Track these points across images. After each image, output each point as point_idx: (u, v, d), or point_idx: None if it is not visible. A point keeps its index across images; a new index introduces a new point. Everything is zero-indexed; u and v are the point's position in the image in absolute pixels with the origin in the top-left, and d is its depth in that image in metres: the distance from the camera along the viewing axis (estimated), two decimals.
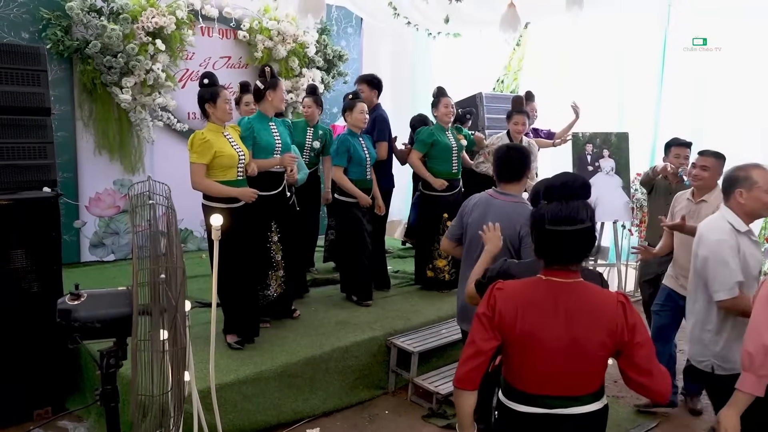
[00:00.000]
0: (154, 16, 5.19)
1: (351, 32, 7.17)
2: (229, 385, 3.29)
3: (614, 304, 1.79)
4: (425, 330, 4.26)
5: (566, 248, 1.80)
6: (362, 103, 4.51)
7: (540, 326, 1.80)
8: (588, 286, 1.84)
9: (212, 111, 3.61)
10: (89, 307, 1.88)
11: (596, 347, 1.77)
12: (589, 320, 1.78)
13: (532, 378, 1.85)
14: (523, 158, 2.88)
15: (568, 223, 1.76)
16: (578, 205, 1.77)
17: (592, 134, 6.10)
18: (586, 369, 1.81)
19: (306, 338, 3.90)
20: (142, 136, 5.52)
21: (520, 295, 1.84)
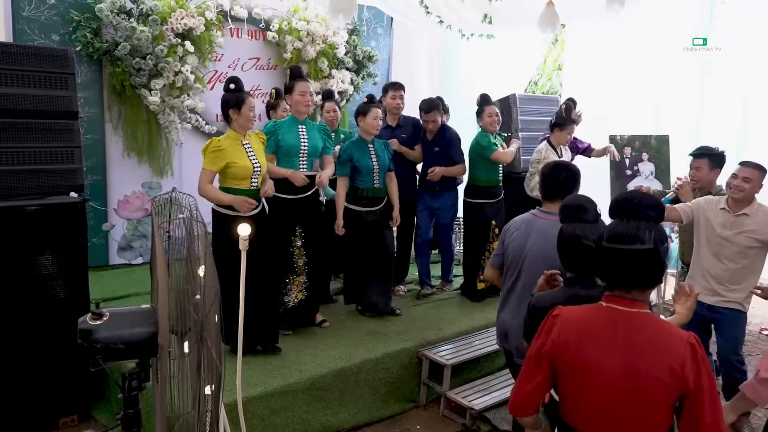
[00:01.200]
0: (183, 18, 5.13)
1: (381, 32, 7.04)
2: (257, 399, 3.19)
3: (683, 343, 1.60)
4: (458, 341, 4.11)
5: (622, 269, 1.64)
6: (377, 109, 4.32)
7: (596, 357, 1.64)
8: (654, 319, 1.67)
9: (236, 117, 3.53)
10: (112, 327, 1.78)
11: (655, 384, 1.59)
12: (649, 355, 1.60)
13: (587, 415, 1.70)
14: (571, 177, 2.72)
15: (625, 242, 1.62)
16: (641, 224, 1.63)
17: (631, 137, 5.88)
18: (645, 411, 1.62)
19: (335, 349, 3.78)
20: (171, 138, 5.46)
21: (577, 322, 1.70)
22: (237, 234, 3.26)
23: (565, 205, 2.17)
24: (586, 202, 2.15)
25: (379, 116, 4.31)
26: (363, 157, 4.29)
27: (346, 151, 4.28)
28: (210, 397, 2.86)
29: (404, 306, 4.66)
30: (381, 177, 4.38)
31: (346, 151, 4.28)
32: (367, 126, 4.31)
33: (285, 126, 3.94)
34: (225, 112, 3.56)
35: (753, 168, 3.38)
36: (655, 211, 1.66)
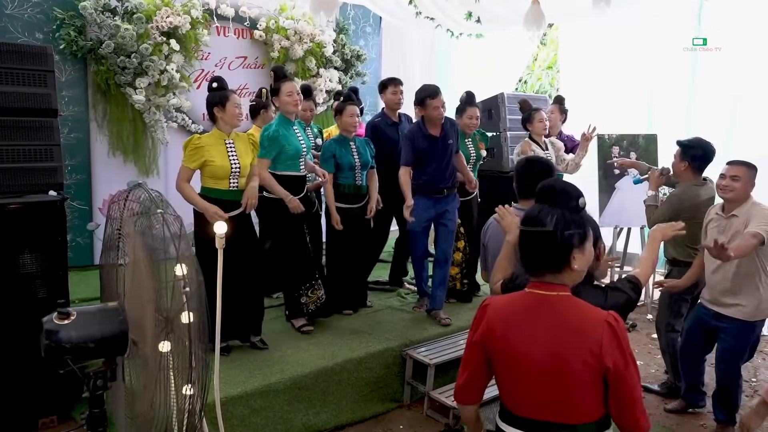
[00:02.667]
0: (169, 16, 5.11)
1: (370, 32, 7.03)
2: (236, 399, 3.16)
3: (600, 323, 1.63)
4: (442, 341, 4.09)
5: (528, 252, 1.73)
6: (352, 107, 4.31)
7: (521, 342, 1.69)
8: (574, 301, 1.70)
9: (221, 115, 3.53)
10: (81, 326, 1.76)
11: (579, 367, 1.62)
12: (570, 337, 1.64)
13: (520, 399, 1.73)
14: (544, 172, 2.69)
15: (532, 224, 1.70)
16: (546, 208, 1.70)
17: (619, 136, 5.88)
18: (574, 392, 1.65)
19: (318, 348, 3.76)
20: (157, 137, 5.43)
21: (502, 310, 1.76)
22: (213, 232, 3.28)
23: None
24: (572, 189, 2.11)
25: (356, 113, 4.30)
26: (345, 155, 4.29)
27: (329, 148, 4.28)
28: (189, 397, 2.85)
29: (389, 305, 4.64)
30: (362, 174, 4.38)
31: (329, 148, 4.28)
32: (343, 124, 4.31)
33: (283, 130, 3.91)
34: (210, 111, 3.56)
35: (740, 165, 3.26)
36: (563, 197, 1.72)
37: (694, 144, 3.61)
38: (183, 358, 2.73)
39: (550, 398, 1.67)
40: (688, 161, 3.61)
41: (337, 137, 4.39)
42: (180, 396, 2.77)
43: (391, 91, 4.76)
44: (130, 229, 2.78)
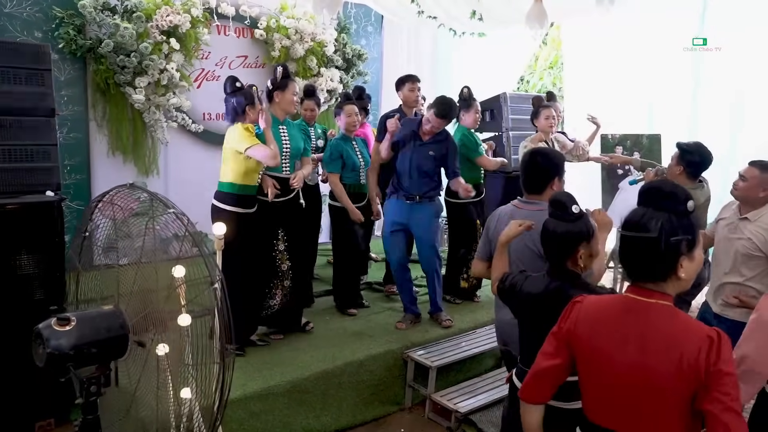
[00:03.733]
0: (169, 15, 5.06)
1: (371, 31, 6.98)
2: (235, 402, 3.11)
3: (701, 336, 1.52)
4: (444, 343, 4.05)
5: (629, 258, 1.61)
6: (351, 106, 4.29)
7: (607, 347, 1.61)
8: (674, 311, 1.59)
9: (251, 113, 3.58)
10: (82, 332, 1.72)
11: (667, 382, 1.52)
12: (662, 350, 1.53)
13: (602, 407, 1.65)
14: (550, 165, 2.64)
15: (632, 229, 1.59)
16: (650, 212, 1.58)
17: (622, 136, 5.84)
18: (657, 408, 1.55)
19: (318, 351, 3.72)
20: (156, 137, 5.39)
21: (594, 310, 1.68)
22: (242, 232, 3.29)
23: (550, 200, 2.14)
24: (567, 198, 2.10)
25: (354, 113, 4.29)
26: (350, 155, 4.28)
27: (336, 147, 4.25)
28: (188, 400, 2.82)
29: (391, 307, 4.60)
30: (365, 173, 4.40)
31: (336, 147, 4.25)
32: (345, 124, 4.31)
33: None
34: (241, 110, 3.58)
35: (753, 166, 3.12)
36: (670, 201, 1.59)
37: (693, 150, 3.52)
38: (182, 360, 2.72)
39: (635, 410, 1.58)
40: (683, 166, 3.54)
41: (341, 136, 4.35)
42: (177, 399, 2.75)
43: (409, 88, 4.70)
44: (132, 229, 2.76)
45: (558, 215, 2.07)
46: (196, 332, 2.78)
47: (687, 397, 1.53)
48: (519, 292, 2.16)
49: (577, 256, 2.04)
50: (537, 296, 2.09)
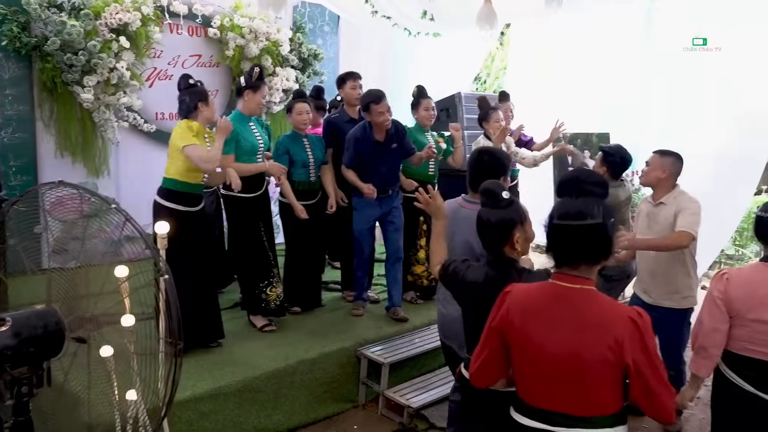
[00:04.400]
0: (118, 12, 4.97)
1: (328, 30, 6.98)
2: (184, 403, 3.08)
3: (623, 319, 1.63)
4: (397, 339, 4.08)
5: (573, 246, 1.68)
6: (302, 104, 4.28)
7: (542, 332, 1.69)
8: (598, 296, 1.69)
9: (204, 110, 3.54)
10: (19, 331, 1.69)
11: (598, 362, 1.62)
12: (590, 332, 1.63)
13: (537, 390, 1.73)
14: (495, 164, 2.69)
15: (575, 218, 1.65)
16: (589, 200, 1.67)
17: (573, 135, 5.97)
18: (589, 386, 1.65)
19: (270, 350, 3.70)
20: (107, 137, 5.28)
21: (524, 298, 1.75)
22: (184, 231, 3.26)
23: (480, 191, 2.21)
24: (497, 187, 2.17)
25: (305, 110, 4.27)
26: (298, 151, 4.26)
27: (282, 144, 4.25)
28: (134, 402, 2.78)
29: (345, 306, 4.60)
30: (316, 170, 4.38)
31: (282, 144, 4.25)
32: (294, 121, 4.31)
33: (239, 125, 3.85)
34: (193, 106, 3.53)
35: (654, 153, 3.47)
36: (600, 187, 1.73)
37: (614, 152, 3.84)
38: (126, 361, 2.68)
39: (566, 390, 1.67)
40: (606, 167, 3.83)
41: (290, 134, 4.36)
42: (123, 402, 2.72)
43: (350, 86, 4.66)
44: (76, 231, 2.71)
45: (490, 204, 2.13)
46: (142, 333, 2.76)
47: (617, 375, 1.64)
48: (461, 281, 2.21)
49: (514, 241, 2.10)
50: (477, 285, 2.15)
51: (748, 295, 2.23)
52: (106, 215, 2.63)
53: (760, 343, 2.22)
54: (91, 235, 2.70)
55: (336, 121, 4.66)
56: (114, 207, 2.51)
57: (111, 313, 2.62)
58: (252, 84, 3.89)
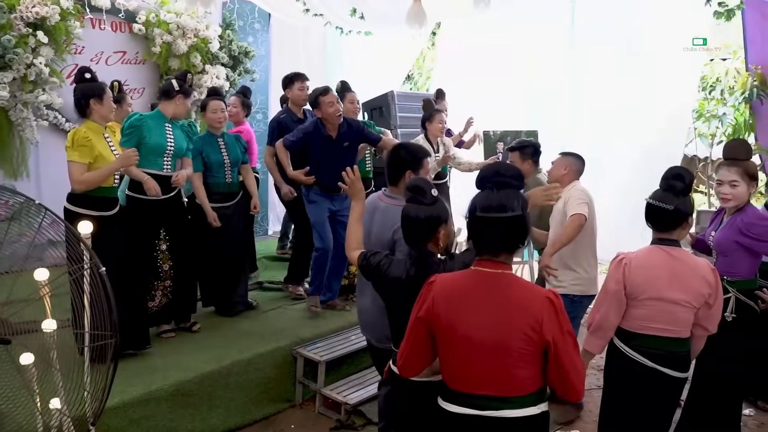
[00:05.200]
0: (35, 6, 4.75)
1: (258, 28, 6.90)
2: (113, 409, 2.97)
3: (541, 299, 1.74)
4: (333, 337, 4.07)
5: (495, 236, 1.77)
6: (216, 102, 4.19)
7: (464, 319, 1.75)
8: (516, 279, 1.80)
9: (97, 108, 3.32)
10: None
11: (520, 342, 1.71)
12: (513, 313, 1.73)
13: (463, 375, 1.78)
14: (409, 157, 2.71)
15: (497, 210, 1.74)
16: (509, 193, 1.76)
17: (503, 132, 6.12)
18: (514, 366, 1.73)
19: (203, 352, 3.62)
20: (25, 136, 5.04)
21: (448, 287, 1.81)
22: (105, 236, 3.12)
23: (407, 187, 2.25)
24: (425, 184, 2.22)
25: (219, 108, 4.17)
26: (212, 152, 4.15)
27: (195, 145, 4.09)
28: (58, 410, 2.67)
29: (281, 305, 4.57)
30: (233, 171, 4.27)
31: (195, 145, 4.09)
32: (209, 120, 4.20)
33: (151, 122, 3.70)
34: (84, 103, 3.31)
35: (559, 154, 3.69)
36: (518, 180, 1.81)
37: (525, 144, 4.07)
38: (48, 369, 2.57)
39: (492, 373, 1.74)
40: (530, 160, 4.05)
41: (204, 134, 4.22)
42: (47, 411, 2.60)
43: (298, 87, 4.62)
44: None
45: (417, 200, 2.18)
46: (65, 339, 2.65)
47: (538, 353, 1.74)
48: (385, 276, 2.24)
49: (438, 237, 2.18)
50: (400, 280, 2.20)
51: (647, 278, 2.38)
52: (27, 217, 2.52)
53: (662, 320, 2.38)
54: (11, 240, 2.58)
55: (284, 121, 4.60)
56: (38, 203, 2.42)
57: (31, 320, 2.51)
58: (185, 89, 3.80)
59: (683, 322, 2.39)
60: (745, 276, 2.95)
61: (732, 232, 2.90)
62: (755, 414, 3.72)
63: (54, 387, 2.57)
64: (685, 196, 2.40)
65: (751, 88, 5.37)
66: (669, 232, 2.42)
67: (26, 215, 2.51)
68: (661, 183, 2.46)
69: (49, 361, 2.55)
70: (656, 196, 2.43)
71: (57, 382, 2.57)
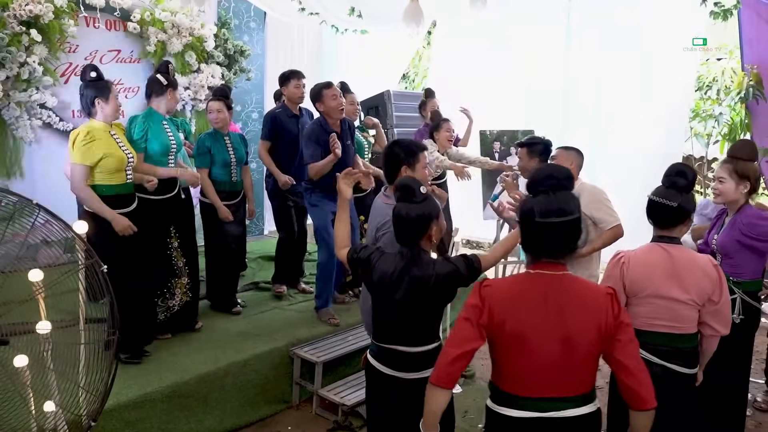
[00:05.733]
0: (28, 4, 4.69)
1: (254, 27, 6.86)
2: (109, 412, 2.93)
3: (603, 295, 1.74)
4: (331, 338, 4.05)
5: (557, 240, 1.74)
6: (212, 102, 4.20)
7: (530, 323, 1.72)
8: (576, 279, 1.79)
9: (103, 107, 3.29)
10: None
11: (587, 342, 1.72)
12: (580, 313, 1.72)
13: (523, 379, 1.75)
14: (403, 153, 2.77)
15: (557, 215, 1.71)
16: (566, 195, 1.74)
17: (500, 132, 6.11)
18: (577, 367, 1.73)
19: (199, 353, 3.60)
20: (19, 136, 4.99)
21: (508, 292, 1.78)
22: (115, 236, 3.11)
23: (397, 186, 2.27)
24: (413, 183, 2.24)
25: (215, 109, 4.17)
26: (221, 151, 4.17)
27: (204, 142, 4.13)
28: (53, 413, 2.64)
29: (277, 306, 4.54)
30: (238, 170, 4.29)
31: (203, 142, 4.13)
32: (209, 120, 4.23)
33: (152, 122, 3.68)
34: (90, 102, 3.29)
35: (560, 149, 3.58)
36: (569, 181, 1.78)
37: (535, 141, 3.81)
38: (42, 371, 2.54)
39: (556, 374, 1.72)
40: (537, 158, 3.78)
41: (211, 132, 4.25)
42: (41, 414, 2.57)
43: (294, 85, 4.58)
44: None
45: (407, 199, 2.20)
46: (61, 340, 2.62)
47: (598, 351, 1.76)
48: (374, 268, 2.28)
49: (431, 234, 2.20)
50: (387, 274, 2.23)
51: (645, 275, 2.36)
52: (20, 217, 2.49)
53: (665, 317, 2.35)
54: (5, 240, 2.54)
55: (279, 116, 4.58)
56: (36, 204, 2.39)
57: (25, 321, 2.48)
58: (172, 82, 3.77)
59: (687, 318, 2.37)
60: (751, 277, 2.95)
61: (734, 232, 2.89)
62: (753, 414, 3.73)
63: (48, 389, 2.54)
64: (687, 193, 2.38)
65: (747, 87, 5.38)
66: (670, 229, 2.40)
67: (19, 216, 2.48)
68: (664, 180, 2.42)
69: (43, 363, 2.52)
70: (659, 192, 2.40)
71: (51, 383, 2.54)
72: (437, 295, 2.23)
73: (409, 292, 2.20)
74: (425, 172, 2.87)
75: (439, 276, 2.18)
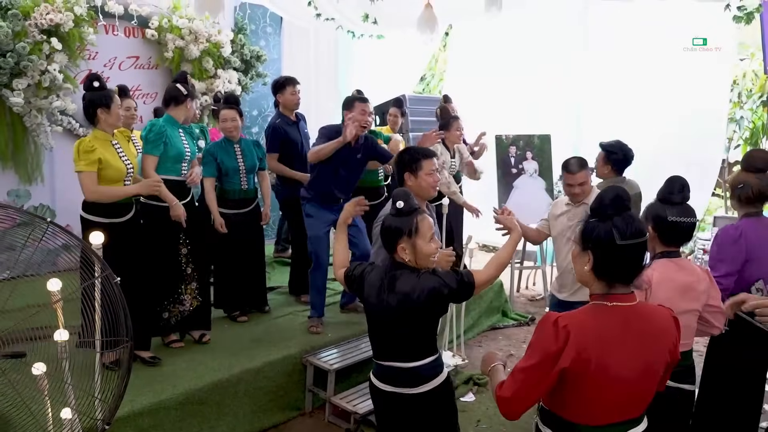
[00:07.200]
0: (49, 13, 4.79)
1: (270, 32, 6.90)
2: (122, 419, 2.98)
3: (668, 318, 1.77)
4: (343, 345, 4.06)
5: (634, 262, 1.69)
6: (225, 111, 4.18)
7: (614, 357, 1.66)
8: (648, 306, 1.79)
9: (105, 117, 3.33)
10: None
11: (663, 366, 1.76)
12: (656, 341, 1.73)
13: (595, 410, 1.71)
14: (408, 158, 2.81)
15: (637, 236, 1.66)
16: (635, 216, 1.71)
17: (516, 136, 6.08)
18: (651, 390, 1.76)
19: (213, 360, 3.63)
20: (39, 142, 5.09)
21: (594, 331, 1.67)
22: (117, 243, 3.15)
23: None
24: (401, 195, 2.25)
25: (229, 118, 4.16)
26: (228, 158, 4.17)
27: (210, 151, 4.15)
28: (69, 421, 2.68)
29: (291, 312, 4.57)
30: (249, 178, 4.28)
31: (209, 151, 4.15)
32: (221, 129, 4.25)
33: (169, 129, 3.71)
34: (92, 112, 3.33)
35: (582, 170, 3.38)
36: (630, 201, 1.74)
37: (615, 149, 3.74)
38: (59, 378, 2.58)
39: (630, 399, 1.72)
40: (611, 165, 3.76)
41: (221, 140, 4.26)
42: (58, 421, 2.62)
43: (290, 92, 4.60)
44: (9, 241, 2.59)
45: (390, 210, 2.26)
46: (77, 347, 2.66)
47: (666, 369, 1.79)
48: (365, 283, 2.31)
49: (398, 249, 2.20)
50: (374, 288, 2.26)
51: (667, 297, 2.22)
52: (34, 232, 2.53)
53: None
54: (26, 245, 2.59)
55: (279, 126, 4.58)
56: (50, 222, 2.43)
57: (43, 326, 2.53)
58: (191, 92, 3.82)
59: (691, 330, 2.39)
60: None
61: None
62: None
63: (65, 396, 2.58)
64: None
65: None
66: (683, 244, 2.40)
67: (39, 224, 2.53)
68: (676, 197, 2.35)
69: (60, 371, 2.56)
70: (681, 212, 2.32)
71: (68, 390, 2.58)
72: (425, 308, 2.19)
73: (397, 307, 2.19)
74: (430, 178, 2.86)
75: (423, 290, 2.16)
